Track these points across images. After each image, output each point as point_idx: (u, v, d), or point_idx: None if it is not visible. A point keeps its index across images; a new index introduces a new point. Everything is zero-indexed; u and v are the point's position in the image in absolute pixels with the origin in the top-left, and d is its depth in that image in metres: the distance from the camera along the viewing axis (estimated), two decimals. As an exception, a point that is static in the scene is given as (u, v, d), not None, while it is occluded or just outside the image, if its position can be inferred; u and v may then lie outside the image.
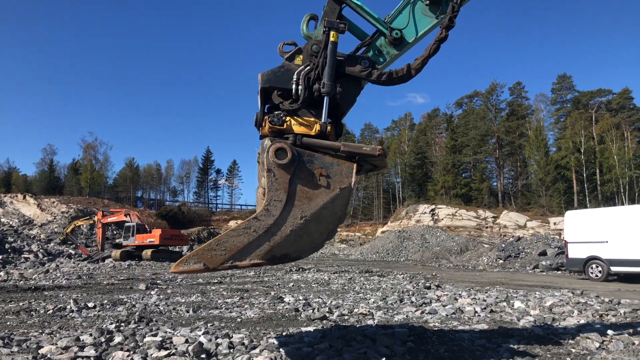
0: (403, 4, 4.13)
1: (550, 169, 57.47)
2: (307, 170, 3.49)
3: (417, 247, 41.72)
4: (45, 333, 5.80)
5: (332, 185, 3.49)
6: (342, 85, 3.78)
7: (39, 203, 56.31)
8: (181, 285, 12.91)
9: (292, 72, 3.81)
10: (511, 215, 51.63)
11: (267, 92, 3.86)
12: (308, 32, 4.02)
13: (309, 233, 3.46)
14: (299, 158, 3.49)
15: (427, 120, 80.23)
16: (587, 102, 66.32)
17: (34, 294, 10.67)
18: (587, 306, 8.47)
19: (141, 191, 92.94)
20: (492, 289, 12.31)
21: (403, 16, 4.11)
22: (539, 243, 30.90)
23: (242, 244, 3.33)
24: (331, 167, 3.53)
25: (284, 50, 3.96)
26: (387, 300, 9.34)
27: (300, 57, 3.90)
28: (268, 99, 3.89)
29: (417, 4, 4.09)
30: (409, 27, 4.08)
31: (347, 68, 3.88)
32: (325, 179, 3.50)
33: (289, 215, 3.41)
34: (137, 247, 32.29)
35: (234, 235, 3.34)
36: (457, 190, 63.67)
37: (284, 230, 3.38)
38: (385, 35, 4.07)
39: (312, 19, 4.05)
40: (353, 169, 3.53)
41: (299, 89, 3.75)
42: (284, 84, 3.81)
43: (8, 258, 25.15)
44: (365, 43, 4.14)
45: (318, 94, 3.72)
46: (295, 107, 3.76)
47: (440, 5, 4.03)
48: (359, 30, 4.19)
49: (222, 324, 6.73)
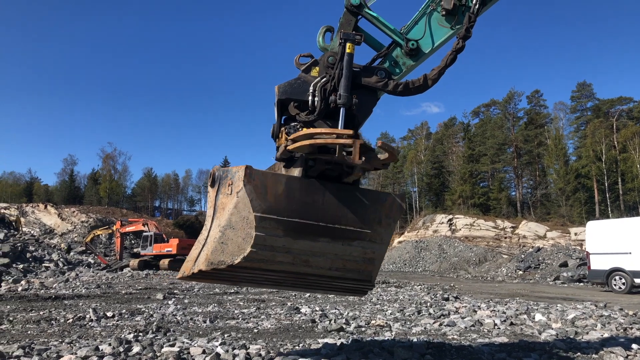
0: (419, 15, 4.12)
1: (571, 178, 56.53)
2: (224, 184, 3.73)
3: (435, 257, 41.30)
4: (65, 342, 5.86)
5: (233, 191, 3.60)
6: (359, 96, 3.77)
7: (59, 213, 57.36)
8: (198, 295, 12.97)
9: (308, 83, 3.82)
10: (530, 226, 50.83)
11: (284, 103, 3.88)
12: (324, 44, 4.04)
13: (230, 239, 3.54)
14: (220, 175, 3.78)
15: (443, 129, 79.77)
16: (607, 110, 65.26)
17: (54, 303, 10.82)
18: (610, 319, 8.26)
19: (159, 201, 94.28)
20: (511, 300, 12.10)
21: (419, 27, 4.10)
22: (560, 254, 30.34)
23: (195, 254, 3.75)
24: (234, 175, 3.63)
25: (300, 62, 3.98)
26: (405, 312, 9.24)
27: (317, 69, 3.91)
28: (284, 110, 3.91)
29: (433, 14, 4.08)
30: (425, 37, 4.07)
31: (363, 79, 3.88)
32: (230, 187, 3.64)
33: (212, 226, 3.73)
34: (154, 257, 32.57)
35: (194, 248, 3.82)
36: (475, 200, 63.01)
37: (211, 239, 3.63)
38: (401, 46, 4.07)
39: (328, 30, 4.07)
40: (242, 172, 3.53)
41: (315, 101, 3.75)
42: (301, 96, 3.82)
43: (29, 267, 25.60)
44: (382, 54, 4.14)
45: (334, 105, 3.72)
46: (312, 118, 3.76)
47: (456, 16, 4.01)
48: (375, 42, 4.19)
49: (239, 334, 6.73)
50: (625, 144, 55.17)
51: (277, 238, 3.53)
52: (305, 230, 3.58)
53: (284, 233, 3.53)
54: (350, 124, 3.87)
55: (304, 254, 3.62)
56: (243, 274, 3.77)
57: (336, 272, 3.76)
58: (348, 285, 4.07)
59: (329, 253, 3.66)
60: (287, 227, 3.53)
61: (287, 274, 3.76)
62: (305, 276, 3.80)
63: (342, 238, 3.67)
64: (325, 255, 3.66)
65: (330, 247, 3.65)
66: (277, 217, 3.51)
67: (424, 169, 72.05)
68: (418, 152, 74.70)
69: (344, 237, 3.67)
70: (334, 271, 3.74)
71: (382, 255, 3.97)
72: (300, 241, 3.58)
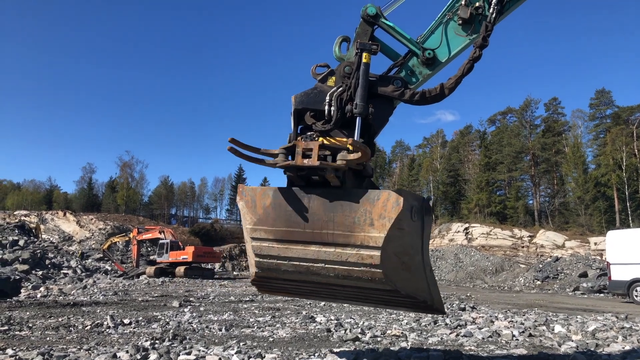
0: (435, 24, 4.12)
1: (590, 186, 55.55)
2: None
3: (451, 266, 40.85)
4: (84, 349, 5.93)
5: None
6: (375, 105, 3.78)
7: (78, 220, 58.21)
8: (214, 303, 13.01)
9: (324, 93, 3.84)
10: (548, 235, 49.99)
11: (300, 113, 3.91)
12: (340, 54, 4.06)
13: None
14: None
15: (459, 137, 79.15)
16: (627, 117, 64.06)
17: (73, 310, 10.95)
18: (632, 331, 8.08)
19: (175, 209, 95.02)
20: (530, 311, 11.89)
21: (435, 36, 4.10)
22: (579, 264, 29.79)
23: None
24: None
25: (316, 72, 4.01)
26: (421, 322, 9.14)
27: (333, 79, 3.93)
28: (301, 120, 3.94)
29: (449, 23, 4.08)
30: (441, 46, 4.06)
31: (379, 88, 3.89)
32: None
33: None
34: (170, 264, 32.78)
35: None
36: (492, 209, 62.25)
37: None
38: (417, 56, 4.07)
39: (345, 40, 4.09)
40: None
41: (331, 110, 3.77)
42: (317, 105, 3.84)
43: (48, 274, 25.97)
44: (398, 63, 4.14)
45: (350, 114, 3.73)
46: (328, 127, 3.78)
47: (473, 25, 4.00)
48: (391, 51, 4.20)
49: (254, 343, 6.72)
50: (646, 152, 54.13)
51: (271, 247, 3.73)
52: (294, 238, 3.66)
53: (276, 242, 3.71)
54: (366, 133, 3.89)
55: (303, 261, 3.67)
56: (277, 284, 4.04)
57: (346, 280, 3.62)
58: (399, 300, 3.84)
59: (325, 259, 3.60)
60: (277, 236, 3.70)
61: (312, 285, 3.84)
62: (328, 286, 3.81)
63: (333, 244, 3.57)
64: (324, 262, 3.60)
65: (323, 253, 3.58)
66: (266, 228, 3.73)
67: (439, 177, 71.49)
68: (434, 160, 74.21)
69: (335, 242, 3.56)
70: (344, 279, 3.62)
71: (391, 261, 3.52)
72: (293, 248, 3.67)
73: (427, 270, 3.87)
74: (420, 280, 3.81)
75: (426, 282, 3.85)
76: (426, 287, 3.85)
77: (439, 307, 4.06)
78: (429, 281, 3.90)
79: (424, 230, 3.78)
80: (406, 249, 3.63)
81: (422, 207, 3.75)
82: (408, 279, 3.68)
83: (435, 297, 3.96)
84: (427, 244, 3.91)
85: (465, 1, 3.97)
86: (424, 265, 3.84)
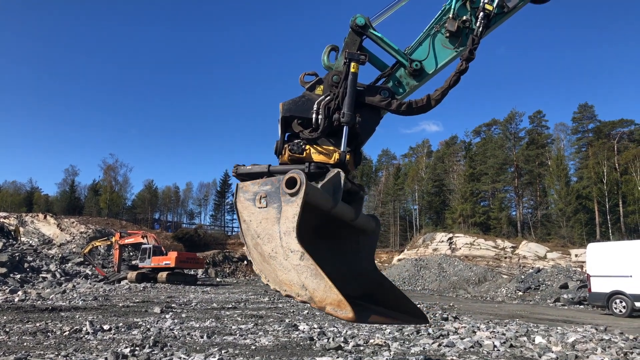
0: (423, 36, 4.17)
1: (572, 199, 56.43)
2: None
3: (434, 276, 41.03)
4: (61, 355, 5.82)
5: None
6: (362, 115, 3.81)
7: (59, 223, 57.22)
8: (196, 310, 12.87)
9: (312, 101, 3.85)
10: (531, 246, 50.55)
11: (288, 120, 3.91)
12: (329, 63, 4.08)
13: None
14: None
15: (445, 148, 79.95)
16: (608, 132, 65.41)
17: (51, 315, 10.74)
18: (611, 343, 8.18)
19: (159, 213, 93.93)
20: (511, 322, 11.99)
21: (423, 48, 4.14)
22: (560, 275, 30.15)
23: None
24: None
25: (305, 80, 4.02)
26: (404, 331, 9.16)
27: (321, 87, 3.95)
28: (288, 127, 3.94)
29: (437, 36, 4.13)
30: (429, 58, 4.11)
31: (367, 98, 3.91)
32: None
33: None
34: (152, 269, 32.38)
35: None
36: (476, 219, 62.80)
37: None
38: (405, 67, 4.10)
39: (333, 50, 4.12)
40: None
41: (319, 118, 3.78)
42: (305, 113, 3.85)
43: (26, 277, 25.48)
44: (385, 74, 4.17)
45: (338, 123, 3.75)
46: (315, 136, 3.79)
47: (460, 38, 4.06)
48: (379, 61, 4.24)
49: (236, 351, 6.66)
50: (627, 166, 55.18)
51: None
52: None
53: None
54: (353, 142, 3.90)
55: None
56: None
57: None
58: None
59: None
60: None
61: None
62: None
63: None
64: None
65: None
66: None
67: (424, 187, 72.00)
68: (419, 170, 74.75)
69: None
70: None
71: (252, 254, 3.31)
72: None
73: (292, 258, 3.11)
74: (282, 271, 3.18)
75: (295, 273, 3.11)
76: (295, 278, 3.12)
77: (321, 306, 3.03)
78: (299, 271, 3.08)
79: (283, 213, 3.20)
80: (257, 239, 3.30)
81: (279, 189, 3.22)
82: (270, 271, 3.31)
83: (318, 293, 3.01)
84: (291, 226, 3.14)
85: (452, 14, 4.03)
86: (285, 253, 3.14)
